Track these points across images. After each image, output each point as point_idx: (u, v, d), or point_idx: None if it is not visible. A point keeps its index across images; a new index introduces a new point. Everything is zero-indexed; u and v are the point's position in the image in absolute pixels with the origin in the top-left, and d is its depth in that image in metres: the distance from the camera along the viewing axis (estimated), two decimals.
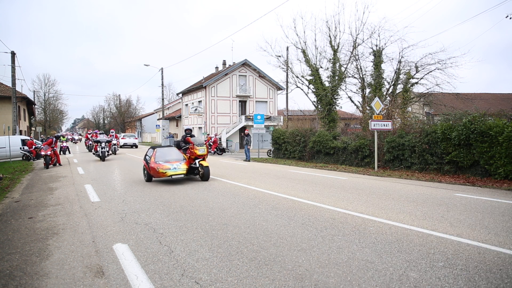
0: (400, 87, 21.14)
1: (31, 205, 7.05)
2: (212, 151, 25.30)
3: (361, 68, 21.78)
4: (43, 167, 15.37)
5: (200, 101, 38.08)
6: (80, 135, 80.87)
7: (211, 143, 25.58)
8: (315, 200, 6.95)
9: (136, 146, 37.21)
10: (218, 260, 3.70)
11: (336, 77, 21.91)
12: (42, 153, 15.56)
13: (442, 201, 6.93)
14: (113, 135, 24.92)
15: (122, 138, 37.03)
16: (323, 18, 51.48)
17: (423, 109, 27.11)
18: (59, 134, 17.60)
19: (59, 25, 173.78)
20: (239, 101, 38.27)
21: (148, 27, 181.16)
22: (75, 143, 51.92)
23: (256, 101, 38.70)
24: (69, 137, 63.18)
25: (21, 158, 20.47)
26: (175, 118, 47.90)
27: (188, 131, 10.88)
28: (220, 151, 25.79)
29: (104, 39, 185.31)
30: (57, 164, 16.30)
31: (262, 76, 38.78)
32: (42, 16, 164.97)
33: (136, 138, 39.50)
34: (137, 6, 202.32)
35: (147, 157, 10.36)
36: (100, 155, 18.35)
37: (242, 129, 34.83)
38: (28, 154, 20.67)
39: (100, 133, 25.62)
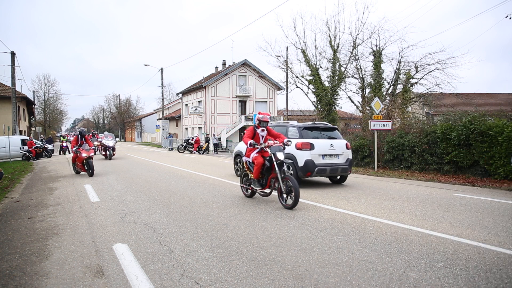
0: (400, 87, 21.19)
1: (31, 205, 7.05)
2: (195, 151, 26.73)
3: (361, 68, 21.83)
4: (77, 173, 11.81)
5: (200, 101, 38.10)
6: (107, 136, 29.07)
7: (193, 143, 27.09)
8: (315, 200, 6.95)
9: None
10: (218, 260, 3.69)
11: (336, 77, 21.94)
12: (84, 154, 11.13)
13: (442, 201, 6.94)
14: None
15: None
16: (323, 18, 51.58)
17: (423, 109, 27.12)
18: (83, 129, 12.44)
19: (53, 22, 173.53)
20: (239, 101, 38.30)
21: (144, 24, 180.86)
22: (107, 155, 18.71)
23: (256, 101, 38.73)
24: (112, 140, 36.23)
25: (20, 158, 20.48)
26: (175, 118, 47.92)
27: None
28: (202, 151, 26.83)
29: (99, 37, 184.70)
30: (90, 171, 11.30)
31: (262, 76, 38.80)
32: (35, 14, 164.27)
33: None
34: (132, 3, 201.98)
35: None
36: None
37: (242, 129, 34.85)
38: (28, 154, 20.69)
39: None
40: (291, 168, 8.93)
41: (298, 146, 8.72)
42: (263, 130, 6.88)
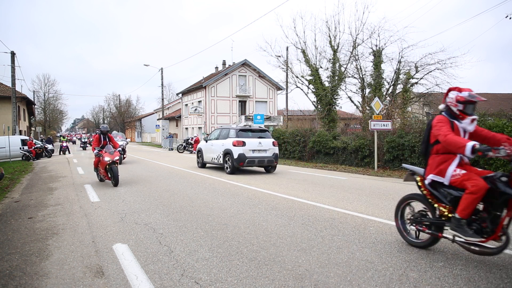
0: (400, 87, 21.19)
1: (31, 205, 7.05)
2: (195, 151, 26.48)
3: (361, 68, 21.82)
4: (101, 180, 9.86)
5: (200, 101, 38.08)
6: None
7: (193, 143, 26.99)
8: (315, 200, 6.95)
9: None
10: (218, 260, 3.69)
11: (336, 77, 21.91)
12: (107, 158, 8.96)
13: None
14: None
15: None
16: (323, 18, 51.53)
17: (423, 109, 27.11)
18: (104, 126, 10.24)
19: (53, 22, 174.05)
20: (239, 101, 38.27)
21: (144, 24, 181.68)
22: None
23: (256, 101, 38.70)
24: (123, 140, 21.89)
25: (20, 158, 20.48)
26: (175, 118, 47.90)
27: None
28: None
29: (99, 37, 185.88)
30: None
31: (262, 76, 38.79)
32: (35, 14, 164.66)
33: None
34: (132, 3, 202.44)
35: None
36: None
37: None
38: (28, 154, 20.69)
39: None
40: (229, 160, 11.51)
41: (234, 143, 11.37)
42: (472, 121, 3.67)
